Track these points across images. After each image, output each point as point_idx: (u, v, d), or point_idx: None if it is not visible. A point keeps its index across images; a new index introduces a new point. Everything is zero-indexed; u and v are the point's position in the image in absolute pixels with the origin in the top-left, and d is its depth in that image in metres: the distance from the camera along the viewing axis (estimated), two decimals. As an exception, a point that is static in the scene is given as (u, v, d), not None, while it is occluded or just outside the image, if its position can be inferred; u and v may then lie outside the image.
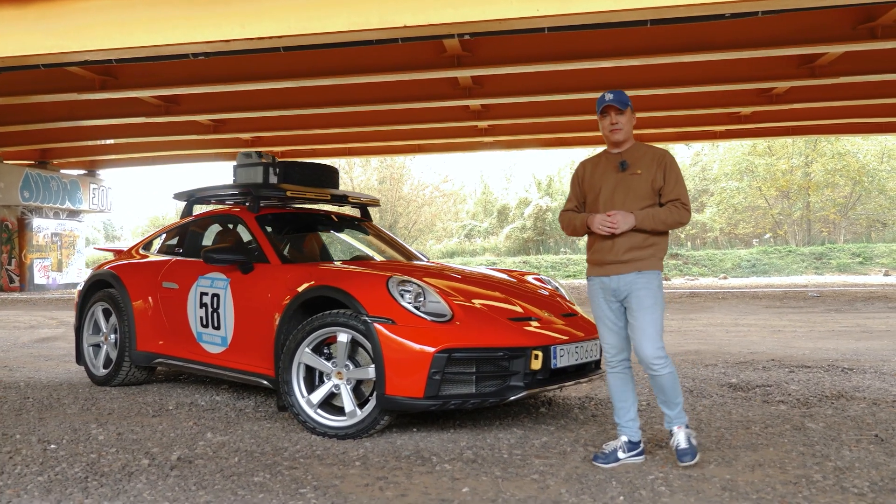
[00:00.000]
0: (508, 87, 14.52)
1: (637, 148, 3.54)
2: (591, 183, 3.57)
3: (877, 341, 7.74)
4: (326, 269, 4.29)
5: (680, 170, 3.51)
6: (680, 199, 3.43)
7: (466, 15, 6.29)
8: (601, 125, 3.53)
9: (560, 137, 20.32)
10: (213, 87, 13.16)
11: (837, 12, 11.15)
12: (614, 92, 3.48)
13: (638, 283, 3.38)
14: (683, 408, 3.46)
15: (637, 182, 3.45)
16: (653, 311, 3.37)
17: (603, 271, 3.47)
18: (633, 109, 3.53)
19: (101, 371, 5.39)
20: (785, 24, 11.16)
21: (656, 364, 3.34)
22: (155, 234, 5.73)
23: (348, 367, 3.90)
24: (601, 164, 3.58)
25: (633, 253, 3.41)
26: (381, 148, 22.51)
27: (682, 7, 6.01)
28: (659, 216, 3.40)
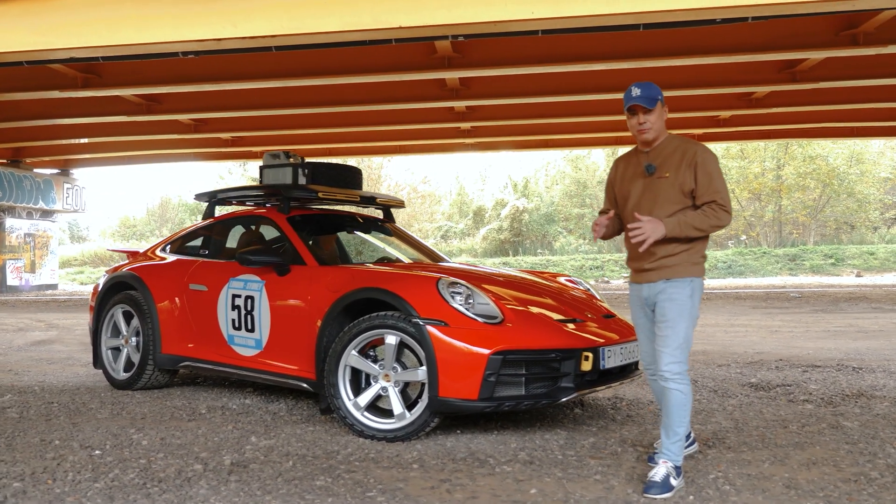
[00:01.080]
0: (495, 89, 14.56)
1: (667, 145, 3.22)
2: (622, 187, 3.35)
3: (873, 341, 7.92)
4: (371, 270, 4.27)
5: (716, 166, 3.15)
6: (716, 200, 3.10)
7: (461, 17, 6.31)
8: (629, 124, 3.25)
9: (543, 139, 20.44)
10: (197, 87, 12.97)
11: (821, 19, 11.37)
12: (642, 85, 3.18)
13: (665, 293, 3.17)
14: (682, 447, 3.16)
15: (664, 187, 3.16)
16: (675, 325, 3.13)
17: (637, 278, 3.31)
18: (663, 103, 3.22)
19: (121, 375, 5.29)
20: (770, 30, 11.36)
21: (669, 376, 3.14)
22: (176, 235, 5.63)
23: (396, 370, 3.88)
24: (631, 164, 3.34)
25: (663, 260, 3.17)
26: (362, 149, 22.43)
27: (676, 12, 6.12)
28: (691, 222, 3.10)
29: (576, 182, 33.90)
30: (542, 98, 14.76)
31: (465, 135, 19.79)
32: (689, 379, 3.17)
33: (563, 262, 25.51)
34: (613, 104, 16.20)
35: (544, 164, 35.69)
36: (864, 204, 29.83)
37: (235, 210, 5.47)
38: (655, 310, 3.22)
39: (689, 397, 3.16)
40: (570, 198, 33.88)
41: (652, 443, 3.84)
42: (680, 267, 3.16)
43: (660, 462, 3.13)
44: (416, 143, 21.00)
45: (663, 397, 3.20)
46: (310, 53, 12.24)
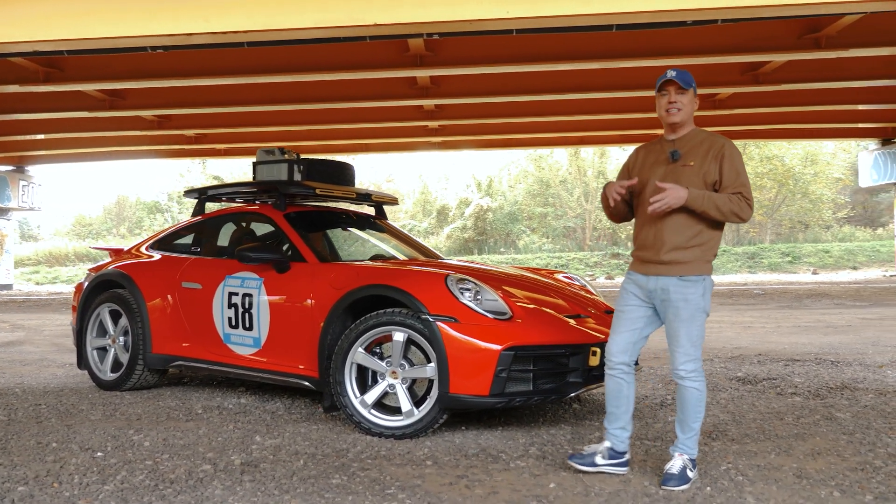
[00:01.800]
0: (466, 88, 14.58)
1: (695, 135, 3.19)
2: (640, 173, 3.26)
3: (843, 336, 8.15)
4: (376, 267, 4.24)
5: (742, 162, 3.13)
6: (742, 192, 3.06)
7: (437, 15, 6.33)
8: (658, 105, 3.21)
9: (509, 138, 20.55)
10: (164, 82, 12.70)
11: (785, 23, 11.65)
12: (677, 70, 3.15)
13: (678, 293, 3.09)
14: (698, 441, 3.22)
15: (688, 175, 3.09)
16: (689, 324, 3.09)
17: (644, 269, 3.20)
18: (696, 91, 3.20)
19: (108, 375, 5.16)
20: (736, 33, 11.59)
21: (685, 374, 3.11)
22: (163, 232, 5.51)
23: (403, 367, 3.87)
24: (654, 152, 3.27)
25: (677, 253, 3.09)
26: (327, 147, 22.22)
27: (649, 13, 6.23)
28: (715, 200, 3.01)
29: (539, 181, 34.15)
30: (512, 97, 14.83)
31: (432, 133, 19.80)
32: (703, 375, 3.16)
33: (529, 260, 25.67)
34: (581, 104, 16.38)
35: (507, 163, 35.88)
36: (817, 203, 30.66)
37: (228, 207, 5.38)
38: (666, 308, 3.13)
39: (705, 393, 3.16)
40: (533, 197, 34.13)
41: (654, 436, 3.90)
42: (694, 264, 3.11)
43: (675, 455, 3.16)
44: (383, 141, 20.91)
45: (679, 396, 3.16)
46: (281, 50, 12.10)
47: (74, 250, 29.71)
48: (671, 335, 3.14)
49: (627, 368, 3.25)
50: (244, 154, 23.28)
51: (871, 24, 11.27)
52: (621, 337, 3.25)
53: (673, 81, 3.13)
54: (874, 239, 29.46)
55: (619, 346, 3.24)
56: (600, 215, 32.67)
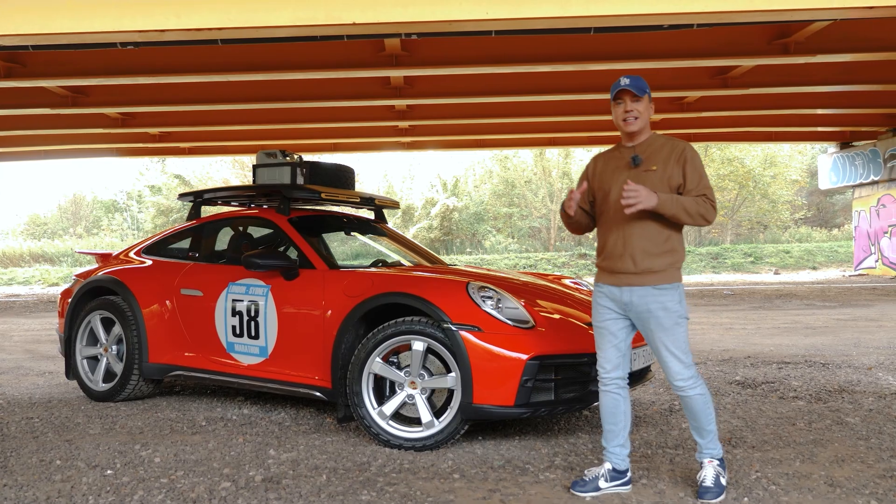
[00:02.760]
0: (439, 88, 14.54)
1: (653, 140, 3.14)
2: (601, 181, 3.18)
3: (822, 337, 8.29)
4: (392, 275, 4.14)
5: (702, 164, 3.11)
6: (706, 194, 3.04)
7: (416, 15, 6.28)
8: (614, 113, 3.13)
9: (478, 139, 20.56)
10: (131, 79, 12.38)
11: (755, 28, 11.86)
12: (631, 77, 3.08)
13: (656, 303, 3.03)
14: (718, 438, 3.16)
15: (651, 180, 3.04)
16: (674, 332, 3.03)
17: (614, 280, 3.10)
18: (650, 97, 3.13)
19: (100, 386, 4.96)
20: (709, 38, 11.76)
21: (683, 384, 3.05)
22: (157, 236, 5.32)
23: (423, 377, 3.78)
24: (613, 159, 3.20)
25: (649, 261, 3.03)
26: (295, 146, 21.89)
27: (627, 17, 6.27)
28: (683, 203, 2.98)
29: (504, 181, 34.26)
30: (485, 98, 14.83)
31: (402, 133, 19.70)
32: (701, 378, 3.11)
33: (498, 260, 25.71)
34: (553, 105, 16.46)
35: (473, 163, 35.91)
36: (776, 204, 31.35)
37: (226, 211, 5.21)
38: (646, 321, 3.06)
39: (709, 394, 3.11)
40: (498, 197, 34.23)
41: (674, 444, 3.88)
42: (667, 272, 3.06)
43: (705, 462, 3.12)
44: (353, 141, 20.75)
45: (684, 406, 3.10)
46: (256, 48, 11.89)
47: (29, 250, 28.83)
48: (659, 348, 3.06)
49: (622, 383, 3.19)
50: (208, 153, 22.91)
51: (839, 31, 11.53)
52: (609, 353, 3.17)
53: (627, 90, 3.06)
54: (830, 239, 30.23)
55: (612, 363, 3.17)
56: (565, 216, 32.87)
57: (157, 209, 29.27)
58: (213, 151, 22.39)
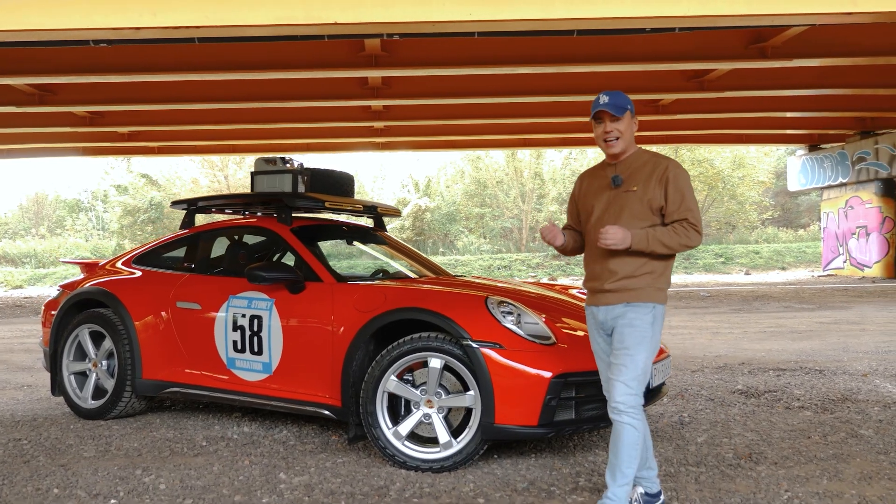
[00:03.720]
0: (417, 89, 14.44)
1: (636, 158, 2.99)
2: (585, 201, 3.10)
3: (810, 342, 8.33)
4: (406, 288, 3.98)
5: (688, 183, 2.92)
6: (687, 218, 2.87)
7: (399, 15, 6.17)
8: (595, 134, 3.00)
9: (456, 140, 20.49)
10: (102, 77, 12.06)
11: (732, 32, 11.95)
12: (610, 93, 2.93)
13: (624, 319, 2.89)
14: (629, 492, 2.88)
15: (631, 200, 2.91)
16: (633, 353, 2.84)
17: (594, 300, 3.01)
18: (633, 112, 2.98)
19: (89, 403, 4.73)
20: (687, 41, 11.83)
21: (623, 409, 2.83)
22: (147, 246, 5.09)
23: (439, 395, 3.64)
24: (598, 176, 3.08)
25: (625, 282, 2.90)
26: (267, 146, 21.61)
27: (611, 20, 6.23)
28: (659, 237, 2.85)
29: (476, 181, 34.20)
30: (463, 99, 14.75)
31: (377, 134, 19.54)
32: (643, 413, 2.88)
33: (472, 262, 25.63)
34: (531, 107, 16.41)
35: (444, 163, 35.79)
36: (744, 205, 31.76)
37: (225, 219, 5.01)
38: (613, 335, 2.94)
39: (642, 434, 2.86)
40: (470, 197, 34.16)
41: (695, 461, 3.80)
42: (643, 291, 2.90)
43: None
44: (326, 141, 20.54)
45: (613, 434, 2.88)
46: (233, 47, 11.65)
47: (-10, 252, 27.99)
48: (614, 365, 2.88)
49: None
50: (178, 153, 22.46)
51: (815, 36, 11.67)
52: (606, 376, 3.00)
53: (605, 111, 2.92)
54: (797, 240, 30.71)
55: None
56: (537, 216, 32.98)
57: (124, 209, 28.60)
58: (183, 151, 21.96)
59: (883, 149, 19.82)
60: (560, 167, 33.94)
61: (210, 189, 28.89)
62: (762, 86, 14.24)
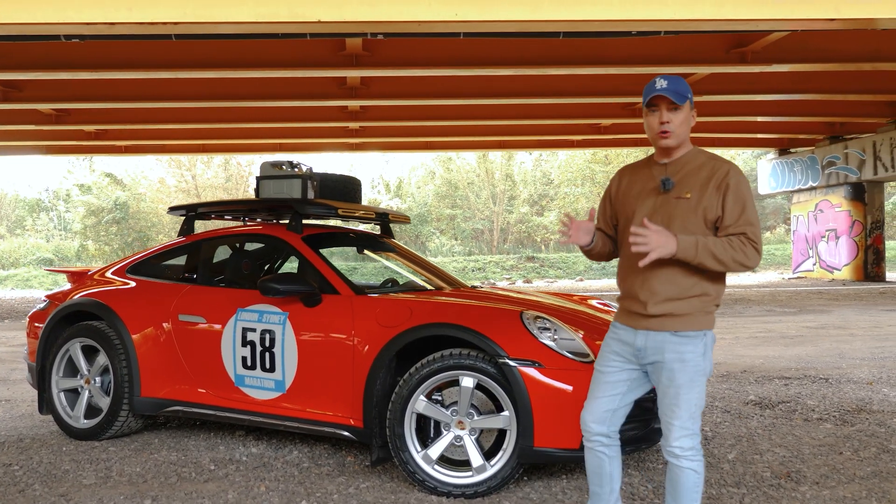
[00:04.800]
0: (397, 90, 14.25)
1: (692, 158, 2.59)
2: (625, 202, 2.67)
3: (802, 347, 8.30)
4: (433, 302, 3.77)
5: (750, 192, 2.53)
6: (746, 233, 2.48)
7: (383, 14, 6.00)
8: (647, 125, 2.59)
9: (431, 141, 20.29)
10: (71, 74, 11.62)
11: (714, 37, 12.00)
12: (669, 78, 2.53)
13: (672, 352, 2.52)
14: None
15: (683, 209, 2.52)
16: (688, 391, 2.51)
17: (631, 321, 2.61)
18: (692, 104, 2.59)
19: (82, 422, 4.42)
20: (671, 45, 11.84)
21: (681, 453, 2.53)
22: (144, 254, 4.79)
23: (471, 416, 3.44)
24: (641, 176, 2.66)
25: (671, 305, 2.52)
26: (238, 146, 21.23)
27: (597, 22, 6.14)
28: (712, 248, 2.44)
29: (447, 183, 34.05)
30: (442, 100, 14.60)
31: (352, 134, 19.28)
32: (702, 454, 2.57)
33: (447, 263, 25.43)
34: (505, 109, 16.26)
35: (415, 164, 35.58)
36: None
37: (229, 226, 4.73)
38: (659, 372, 2.56)
39: (702, 476, 2.57)
40: (441, 198, 33.99)
41: (734, 481, 3.65)
42: (692, 317, 2.51)
43: None
44: (299, 141, 20.21)
45: (670, 476, 2.59)
46: (210, 44, 11.35)
47: (-55, 253, 27.00)
48: (665, 404, 2.55)
49: (608, 440, 2.69)
50: (146, 152, 21.90)
51: (794, 42, 11.76)
52: (598, 404, 2.68)
53: (663, 96, 2.51)
54: (765, 242, 31.15)
55: (595, 415, 2.68)
56: (508, 218, 32.94)
57: (88, 209, 27.80)
58: (151, 150, 21.43)
59: (853, 153, 20.13)
60: (531, 169, 33.96)
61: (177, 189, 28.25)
62: (739, 90, 14.33)
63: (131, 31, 6.35)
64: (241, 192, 29.02)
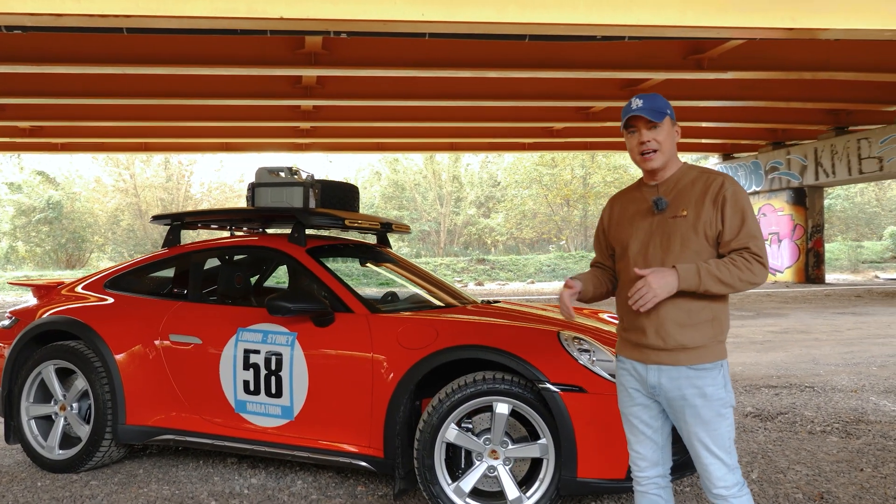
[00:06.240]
0: (353, 90, 13.97)
1: (683, 174, 2.43)
2: (619, 228, 2.51)
3: (775, 353, 8.37)
4: (461, 322, 3.51)
5: (749, 202, 2.36)
6: (749, 247, 2.30)
7: (349, 12, 5.81)
8: (628, 146, 2.44)
9: (381, 142, 19.99)
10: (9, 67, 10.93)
11: (672, 43, 12.12)
12: (645, 96, 2.39)
13: (692, 388, 2.34)
14: None
15: (681, 228, 2.35)
16: (716, 425, 2.34)
17: (639, 355, 2.42)
18: (673, 119, 2.42)
19: (56, 453, 4.01)
20: (628, 50, 11.91)
21: (727, 492, 2.35)
22: (125, 266, 4.38)
23: (505, 444, 3.21)
24: (633, 201, 2.50)
25: (682, 335, 2.33)
26: (182, 144, 20.48)
27: (563, 26, 6.08)
28: (716, 272, 2.27)
29: (393, 184, 33.73)
30: (399, 101, 14.36)
31: (302, 134, 18.86)
32: (748, 488, 2.40)
33: (396, 266, 25.08)
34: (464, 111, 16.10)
35: (361, 165, 35.14)
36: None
37: (222, 238, 4.37)
38: (682, 409, 2.37)
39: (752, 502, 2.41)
40: (388, 200, 33.66)
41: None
42: (707, 349, 2.34)
43: None
44: (248, 141, 19.66)
45: None
46: (162, 39, 10.84)
47: None
48: (695, 445, 2.36)
49: (663, 482, 2.53)
50: (84, 150, 20.94)
51: (749, 50, 11.97)
52: (645, 448, 2.50)
53: (640, 116, 2.37)
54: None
55: (645, 460, 2.50)
56: (455, 219, 32.83)
57: (17, 209, 26.41)
58: (89, 148, 20.49)
59: (795, 159, 20.70)
60: (478, 170, 33.95)
61: (115, 188, 27.11)
62: (690, 96, 14.52)
63: (80, 24, 5.93)
64: (183, 191, 28.07)
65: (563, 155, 30.76)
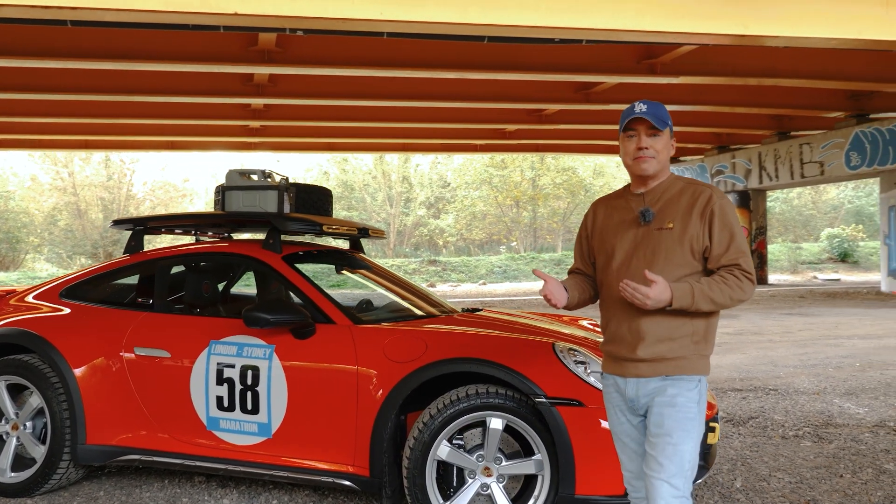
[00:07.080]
0: (306, 88, 13.73)
1: (670, 185, 2.38)
2: (602, 237, 2.44)
3: (733, 356, 8.47)
4: (451, 333, 3.37)
5: (736, 217, 2.33)
6: (739, 264, 2.27)
7: (306, 10, 5.69)
8: (624, 149, 2.37)
9: (332, 142, 19.72)
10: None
11: (626, 47, 12.24)
12: (649, 103, 2.34)
13: (662, 396, 2.28)
14: None
15: (668, 242, 2.30)
16: (677, 441, 2.24)
17: (619, 369, 2.37)
18: (672, 130, 2.39)
19: (8, 476, 3.71)
20: (583, 54, 11.99)
21: None
22: (82, 274, 4.10)
23: (499, 461, 3.09)
24: (618, 209, 2.44)
25: (662, 346, 2.28)
26: (125, 142, 19.81)
27: (524, 28, 6.08)
28: (708, 292, 2.23)
29: (342, 184, 33.36)
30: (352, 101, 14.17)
31: (252, 133, 18.46)
32: None
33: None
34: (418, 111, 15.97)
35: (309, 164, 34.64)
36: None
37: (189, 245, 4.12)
38: (649, 418, 2.31)
39: None
40: (336, 200, 33.24)
41: None
42: (686, 361, 2.29)
43: None
44: (193, 139, 19.18)
45: None
46: (109, 32, 10.41)
47: None
48: (650, 457, 2.27)
49: None
50: (20, 147, 20.13)
51: (701, 56, 12.16)
52: (636, 466, 2.42)
53: (643, 119, 2.32)
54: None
55: (637, 477, 2.44)
56: (405, 220, 32.65)
57: (-55, 209, 25.20)
58: (26, 145, 19.69)
59: (739, 163, 21.18)
60: (427, 171, 33.84)
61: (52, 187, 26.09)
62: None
63: (21, 15, 5.61)
64: (125, 190, 27.19)
65: (513, 156, 30.89)
